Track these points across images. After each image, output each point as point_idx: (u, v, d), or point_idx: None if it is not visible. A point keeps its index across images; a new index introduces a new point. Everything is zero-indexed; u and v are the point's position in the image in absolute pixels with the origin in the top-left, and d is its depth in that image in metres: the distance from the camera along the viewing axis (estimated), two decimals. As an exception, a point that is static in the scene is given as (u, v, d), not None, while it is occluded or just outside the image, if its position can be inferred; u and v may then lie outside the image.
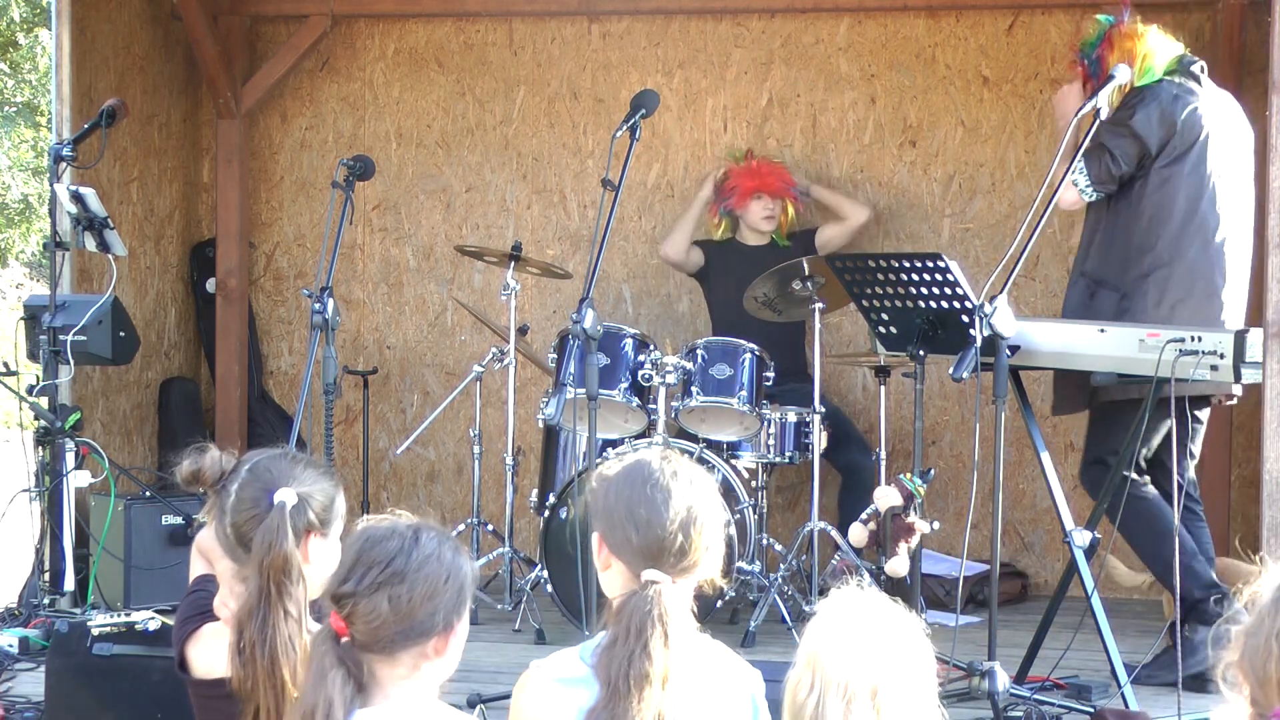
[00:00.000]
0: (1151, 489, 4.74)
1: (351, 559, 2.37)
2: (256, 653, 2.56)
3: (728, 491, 5.42)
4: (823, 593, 5.50)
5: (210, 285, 7.15)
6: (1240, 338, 4.21)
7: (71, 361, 5.54)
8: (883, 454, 5.90)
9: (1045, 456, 4.70)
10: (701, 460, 5.48)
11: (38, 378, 5.64)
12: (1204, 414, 4.87)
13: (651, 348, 5.61)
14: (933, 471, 4.46)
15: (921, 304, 4.58)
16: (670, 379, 5.54)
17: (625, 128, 4.91)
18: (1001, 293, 4.38)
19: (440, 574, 2.37)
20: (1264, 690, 1.76)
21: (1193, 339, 4.25)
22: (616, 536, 2.50)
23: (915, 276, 4.57)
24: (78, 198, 5.61)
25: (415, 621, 2.34)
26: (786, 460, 5.70)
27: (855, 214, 6.50)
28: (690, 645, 2.44)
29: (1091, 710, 4.25)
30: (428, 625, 2.35)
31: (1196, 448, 4.85)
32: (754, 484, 5.76)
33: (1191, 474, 4.81)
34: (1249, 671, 1.78)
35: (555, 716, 2.43)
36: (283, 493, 2.65)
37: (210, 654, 2.74)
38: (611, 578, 2.52)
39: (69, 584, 5.54)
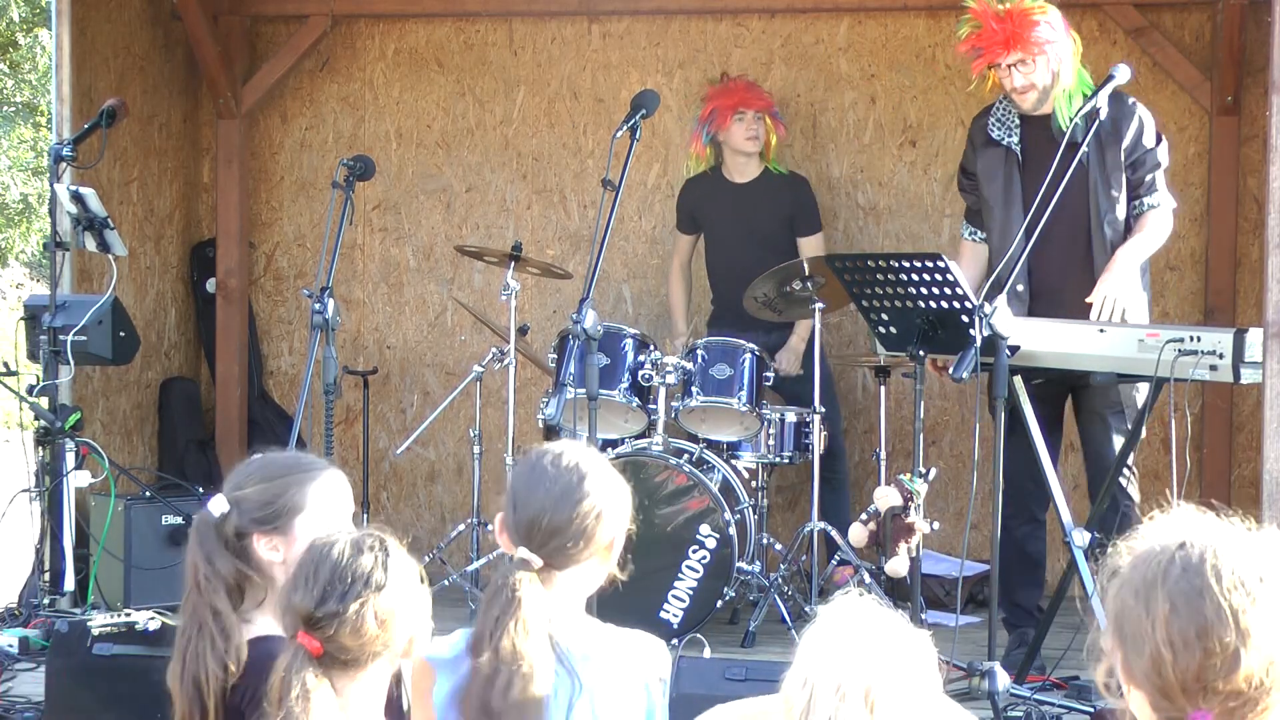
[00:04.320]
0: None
1: (325, 578, 2.34)
2: (186, 659, 2.60)
3: (728, 491, 5.43)
4: (823, 593, 5.51)
5: (210, 285, 7.14)
6: (1240, 337, 4.21)
7: (71, 361, 5.54)
8: (883, 454, 5.90)
9: (1045, 457, 4.69)
10: (701, 460, 5.48)
11: (38, 378, 5.64)
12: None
13: (651, 348, 5.61)
14: (934, 471, 4.45)
15: (921, 304, 4.58)
16: (670, 379, 5.54)
17: (625, 128, 4.91)
18: (1001, 293, 4.39)
19: (413, 580, 2.40)
20: (1169, 698, 1.69)
21: (1191, 339, 4.25)
22: (506, 514, 2.56)
23: (915, 276, 4.56)
24: (78, 198, 5.60)
25: (396, 632, 2.36)
26: (786, 460, 5.69)
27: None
28: (547, 632, 2.46)
29: (1091, 710, 4.25)
30: (402, 635, 2.37)
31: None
32: (754, 484, 5.76)
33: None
34: (1144, 683, 1.71)
35: (430, 693, 2.49)
36: (213, 502, 2.67)
37: None
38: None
39: (69, 584, 5.53)
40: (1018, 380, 4.62)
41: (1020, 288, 4.86)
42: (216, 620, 2.60)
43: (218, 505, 2.67)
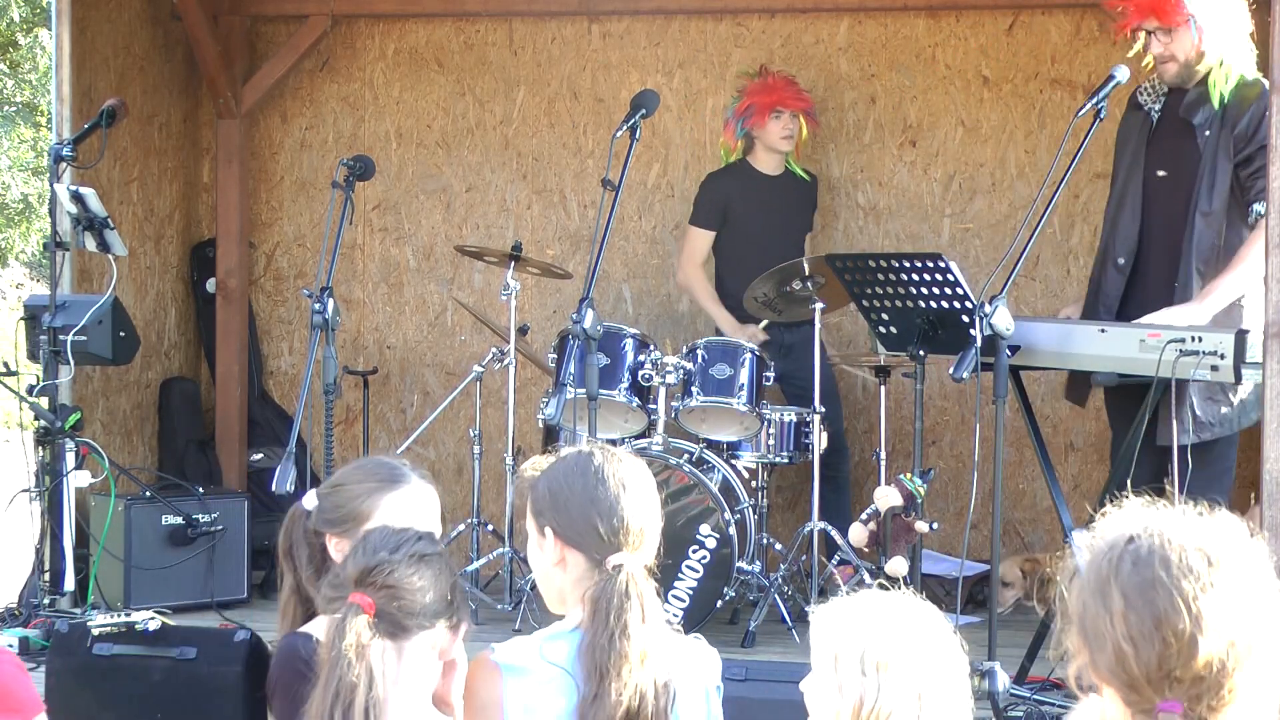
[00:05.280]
0: None
1: (376, 542, 2.46)
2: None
3: (728, 491, 5.42)
4: (823, 593, 5.51)
5: (210, 285, 7.14)
6: (1240, 338, 4.20)
7: (71, 361, 5.54)
8: (883, 454, 5.90)
9: (1045, 457, 4.69)
10: (701, 460, 5.48)
11: (38, 378, 5.64)
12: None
13: (651, 348, 5.61)
14: (933, 471, 4.45)
15: (921, 304, 4.58)
16: (670, 379, 5.54)
17: (625, 128, 4.91)
18: (1001, 293, 4.38)
19: (451, 566, 2.53)
20: (1137, 691, 1.72)
21: (1193, 339, 4.23)
22: (577, 528, 2.55)
23: (915, 276, 4.56)
24: (78, 198, 5.60)
25: (444, 599, 2.44)
26: (786, 460, 5.69)
27: None
28: (661, 619, 2.53)
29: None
30: (449, 608, 2.45)
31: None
32: (754, 484, 5.76)
33: None
34: (1110, 679, 1.74)
35: (502, 705, 2.48)
36: (307, 497, 2.85)
37: None
38: (563, 571, 2.58)
39: (69, 584, 5.54)
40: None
41: (1121, 260, 4.78)
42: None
43: (309, 500, 2.82)
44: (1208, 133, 4.61)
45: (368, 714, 2.29)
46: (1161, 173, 4.71)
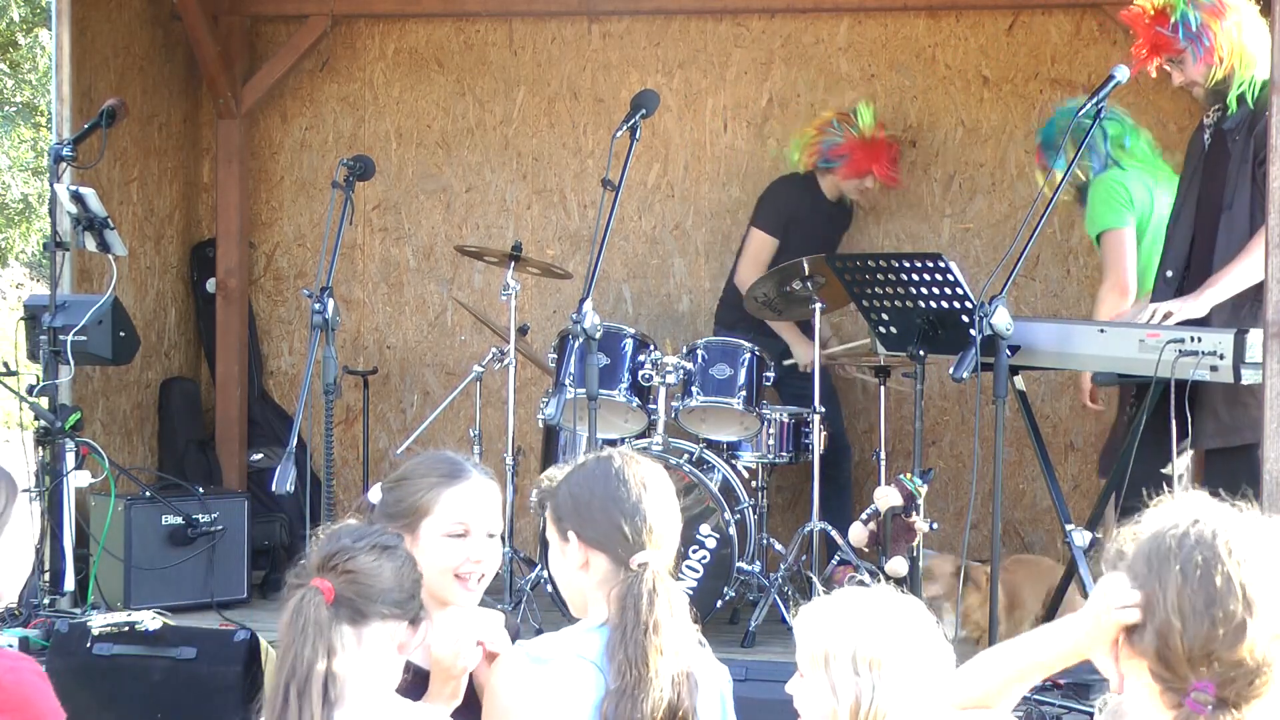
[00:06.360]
0: None
1: (341, 533, 2.50)
2: None
3: (728, 491, 5.42)
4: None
5: (210, 285, 7.14)
6: (1240, 338, 4.19)
7: (71, 361, 5.54)
8: (883, 454, 5.90)
9: (1045, 457, 4.69)
10: (701, 460, 5.48)
11: (38, 378, 5.64)
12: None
13: (651, 348, 5.61)
14: (933, 471, 4.45)
15: (921, 304, 4.58)
16: (670, 379, 5.54)
17: (625, 128, 4.91)
18: (1001, 293, 4.38)
19: (416, 565, 2.54)
20: (1173, 668, 1.74)
21: (1192, 339, 4.23)
22: (600, 529, 2.57)
23: (915, 276, 4.56)
24: (78, 198, 5.60)
25: (403, 591, 2.46)
26: (787, 460, 5.69)
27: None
28: (686, 615, 2.58)
29: (1091, 710, 4.24)
30: (409, 603, 2.47)
31: None
32: (754, 484, 5.76)
33: None
34: (1148, 651, 1.76)
35: (526, 693, 2.49)
36: (374, 489, 2.89)
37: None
38: (586, 573, 2.60)
39: (69, 584, 5.54)
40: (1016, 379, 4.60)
41: (1170, 274, 4.73)
42: None
43: (374, 494, 2.85)
44: (1237, 138, 4.60)
45: (327, 689, 2.31)
46: (1211, 186, 4.67)
